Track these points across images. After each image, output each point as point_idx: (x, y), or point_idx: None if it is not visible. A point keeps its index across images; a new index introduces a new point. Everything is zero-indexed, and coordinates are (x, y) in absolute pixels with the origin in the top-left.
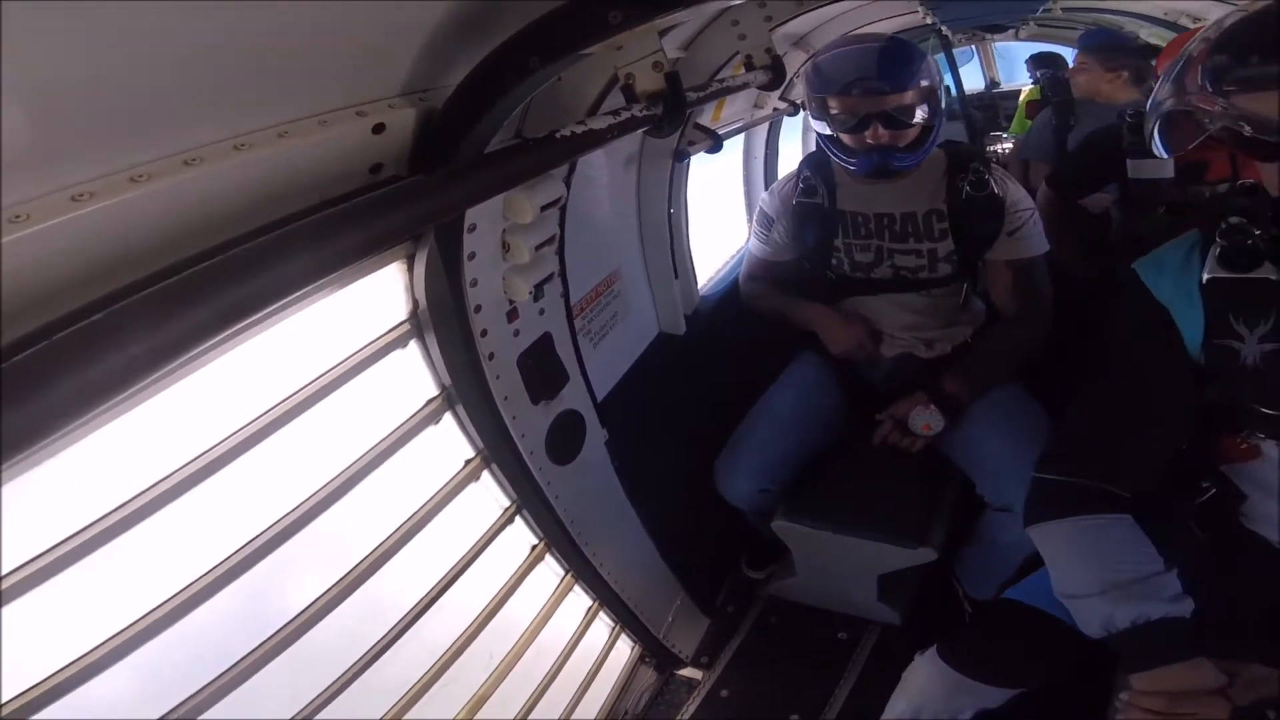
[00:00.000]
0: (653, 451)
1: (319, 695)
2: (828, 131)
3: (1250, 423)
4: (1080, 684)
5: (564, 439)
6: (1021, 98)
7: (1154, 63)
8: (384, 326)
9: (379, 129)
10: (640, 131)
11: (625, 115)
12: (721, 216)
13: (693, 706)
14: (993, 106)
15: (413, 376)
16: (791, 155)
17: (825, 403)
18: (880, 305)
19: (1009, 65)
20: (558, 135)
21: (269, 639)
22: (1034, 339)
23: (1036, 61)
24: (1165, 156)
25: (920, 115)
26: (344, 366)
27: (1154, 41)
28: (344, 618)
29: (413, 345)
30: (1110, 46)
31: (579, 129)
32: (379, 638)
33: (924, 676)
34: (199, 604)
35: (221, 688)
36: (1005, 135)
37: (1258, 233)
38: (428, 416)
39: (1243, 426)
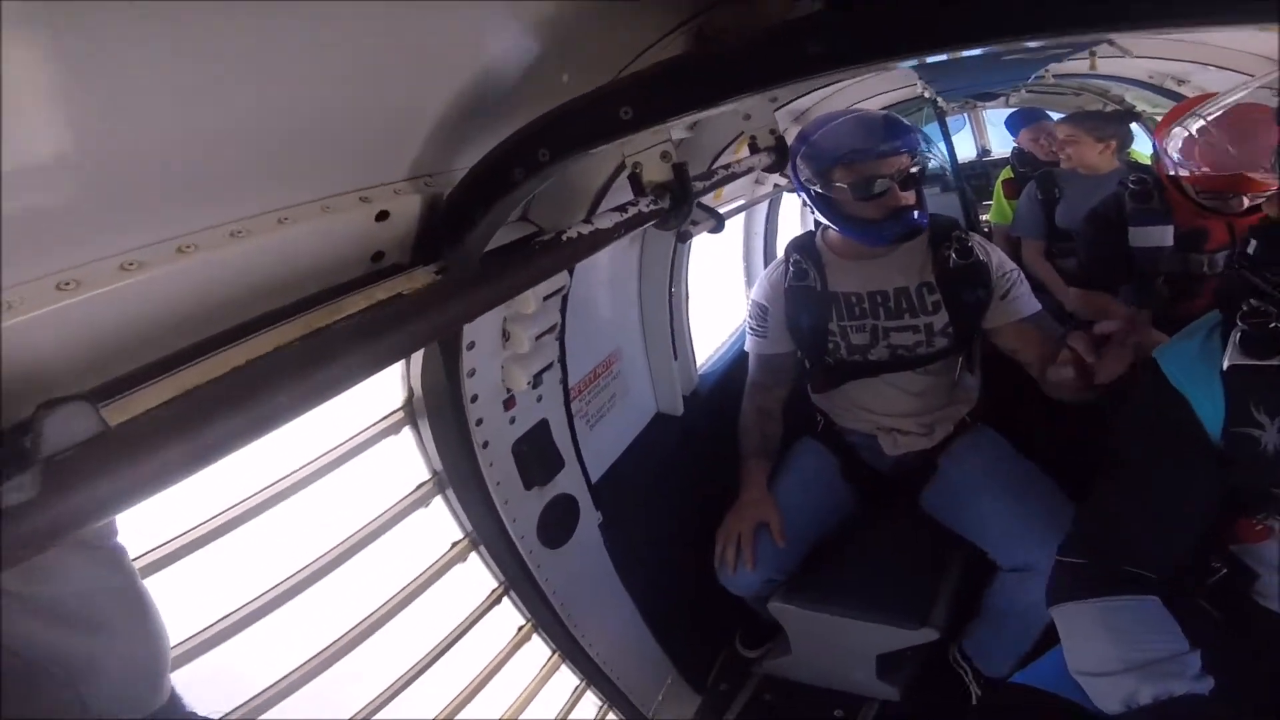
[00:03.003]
0: (647, 531)
1: None
2: (837, 209)
3: (1268, 506)
4: None
5: (557, 523)
6: (998, 180)
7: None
8: (377, 414)
9: (382, 216)
10: None
11: (632, 212)
12: (721, 293)
13: None
14: (985, 175)
15: (403, 461)
16: (791, 229)
17: (830, 491)
18: (879, 388)
19: (1001, 132)
20: (564, 238)
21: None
22: None
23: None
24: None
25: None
26: (335, 454)
27: (1141, 106)
28: (320, 692)
29: (405, 432)
30: (1099, 116)
31: (585, 229)
32: (354, 712)
33: None
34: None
35: None
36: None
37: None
38: (416, 500)
39: (1260, 510)
